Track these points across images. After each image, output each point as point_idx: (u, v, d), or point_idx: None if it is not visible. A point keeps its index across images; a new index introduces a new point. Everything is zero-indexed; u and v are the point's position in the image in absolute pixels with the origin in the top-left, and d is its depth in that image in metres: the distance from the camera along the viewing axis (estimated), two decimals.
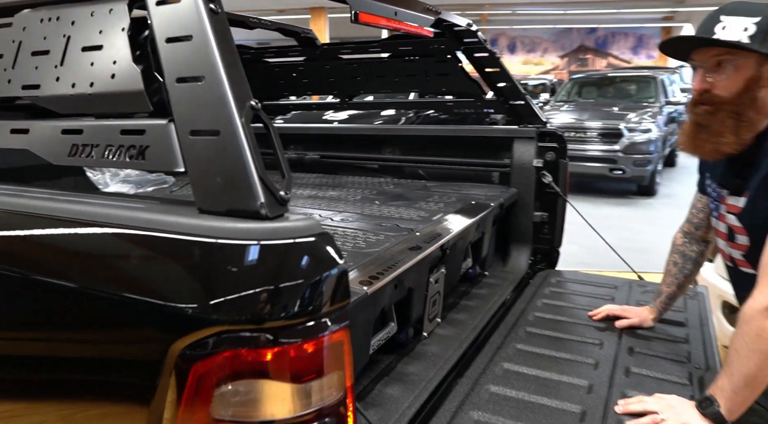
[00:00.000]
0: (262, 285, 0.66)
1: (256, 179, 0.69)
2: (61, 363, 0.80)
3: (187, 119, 0.76)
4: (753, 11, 1.19)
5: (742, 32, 1.18)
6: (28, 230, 0.85)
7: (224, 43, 0.78)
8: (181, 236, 0.70)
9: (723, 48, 1.21)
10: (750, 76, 1.21)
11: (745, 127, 1.24)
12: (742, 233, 1.31)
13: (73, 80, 0.90)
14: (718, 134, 1.26)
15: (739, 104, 1.23)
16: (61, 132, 0.89)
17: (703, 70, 1.25)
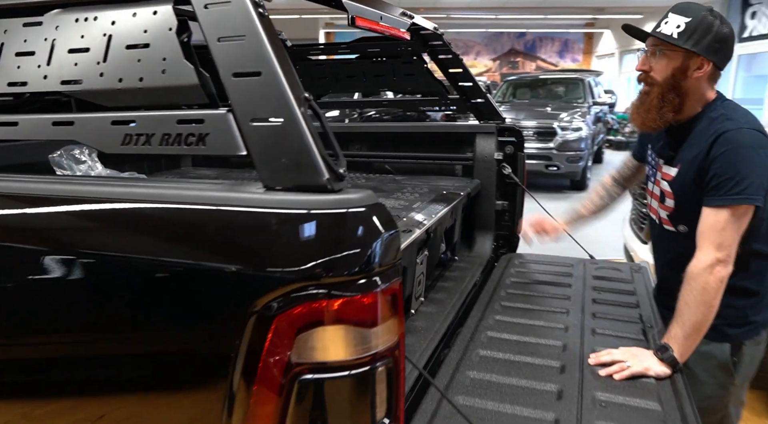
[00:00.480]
0: (334, 247, 0.78)
1: (319, 159, 0.82)
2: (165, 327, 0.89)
3: (247, 109, 0.87)
4: (690, 12, 1.42)
5: (675, 28, 1.41)
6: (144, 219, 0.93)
7: (275, 42, 0.89)
8: (262, 209, 0.81)
9: (659, 39, 1.44)
10: (677, 66, 1.44)
11: (666, 108, 1.48)
12: (671, 197, 1.55)
13: (119, 75, 0.98)
14: (647, 110, 1.50)
15: (666, 88, 1.47)
16: (111, 123, 0.97)
17: (647, 54, 1.49)
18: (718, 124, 1.42)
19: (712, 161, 1.38)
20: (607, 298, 1.88)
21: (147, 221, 0.92)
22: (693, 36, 1.40)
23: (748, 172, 1.35)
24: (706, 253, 1.36)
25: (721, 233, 1.35)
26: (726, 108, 1.47)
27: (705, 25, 1.40)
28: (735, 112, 1.45)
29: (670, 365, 1.37)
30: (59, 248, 0.96)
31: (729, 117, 1.43)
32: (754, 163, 1.36)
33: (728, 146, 1.37)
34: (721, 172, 1.36)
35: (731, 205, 1.35)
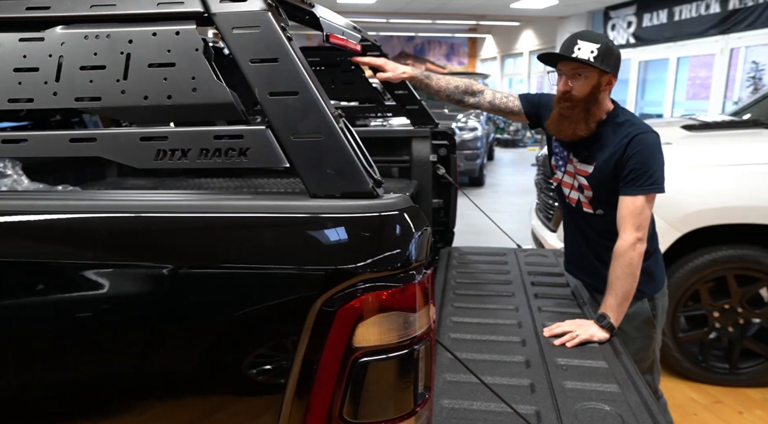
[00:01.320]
0: (384, 246, 0.90)
1: (362, 168, 0.93)
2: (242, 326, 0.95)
3: (286, 126, 0.96)
4: (597, 39, 1.70)
5: (590, 53, 1.68)
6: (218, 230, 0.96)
7: (305, 65, 0.99)
8: (320, 214, 0.91)
9: (577, 63, 1.70)
10: (594, 84, 1.72)
11: (591, 118, 1.77)
12: (588, 189, 1.84)
13: (144, 93, 1.02)
14: (576, 123, 1.77)
15: (588, 103, 1.75)
16: (140, 139, 1.01)
17: (566, 76, 1.75)
18: (627, 128, 1.73)
19: (629, 159, 1.68)
20: (542, 280, 2.15)
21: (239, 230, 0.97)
22: (605, 59, 1.68)
23: (656, 167, 1.67)
24: (629, 234, 1.66)
25: (638, 217, 1.65)
26: (625, 114, 1.79)
27: (609, 49, 1.69)
28: (636, 119, 1.78)
29: (608, 330, 1.65)
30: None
31: (633, 122, 1.75)
32: (659, 159, 1.68)
33: (641, 147, 1.68)
34: (637, 168, 1.67)
35: (646, 193, 1.65)
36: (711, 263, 2.80)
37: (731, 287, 2.83)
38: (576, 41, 1.71)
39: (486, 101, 2.02)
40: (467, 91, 2.01)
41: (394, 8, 12.77)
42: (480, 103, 2.01)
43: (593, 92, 1.73)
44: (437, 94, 2.00)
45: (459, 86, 2.00)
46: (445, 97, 2.00)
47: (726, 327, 2.90)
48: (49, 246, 1.01)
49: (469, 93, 2.01)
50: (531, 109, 2.01)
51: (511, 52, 16.80)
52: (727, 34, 8.47)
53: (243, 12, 1.00)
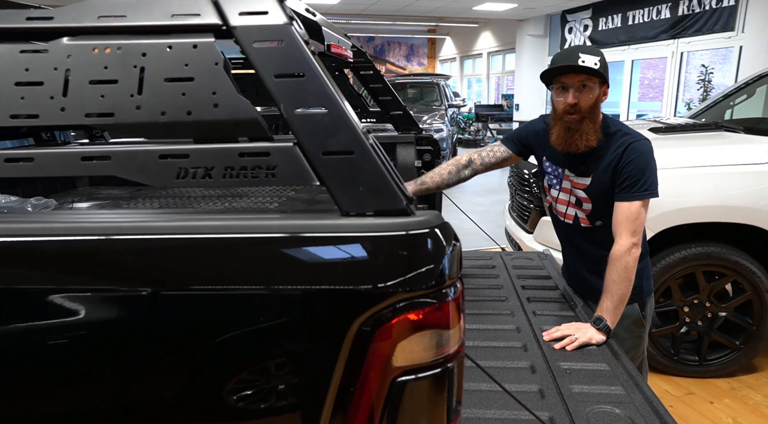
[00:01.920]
0: (421, 264, 0.89)
1: (395, 186, 0.93)
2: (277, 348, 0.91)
3: (316, 142, 0.94)
4: (596, 52, 1.75)
5: (594, 65, 1.73)
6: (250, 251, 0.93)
7: (331, 81, 0.98)
8: (355, 233, 0.89)
9: (585, 75, 1.74)
10: (596, 94, 1.78)
11: (597, 127, 1.81)
12: (587, 202, 1.88)
13: (161, 109, 0.98)
14: (587, 133, 1.79)
15: (593, 113, 1.79)
16: (159, 157, 0.97)
17: (573, 89, 1.78)
18: (621, 137, 1.79)
19: (625, 166, 1.74)
20: (532, 284, 2.19)
21: (271, 251, 0.94)
22: (605, 70, 1.75)
23: (650, 173, 1.72)
24: (625, 239, 1.71)
25: (634, 222, 1.71)
26: (615, 124, 1.85)
27: (605, 62, 1.76)
28: (626, 128, 1.84)
29: (605, 333, 1.69)
30: None
31: (625, 131, 1.81)
32: (653, 165, 1.74)
33: (635, 154, 1.73)
34: (633, 175, 1.72)
35: (642, 199, 1.71)
36: (681, 260, 2.92)
37: (700, 283, 2.97)
38: (578, 54, 1.74)
39: (479, 165, 2.07)
40: (459, 169, 2.06)
41: (357, 9, 12.74)
42: (476, 170, 2.07)
43: (596, 103, 1.78)
44: (439, 189, 2.08)
45: (451, 171, 2.05)
46: (446, 187, 2.08)
47: (695, 321, 3.03)
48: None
49: (462, 169, 2.06)
50: (518, 147, 2.05)
51: (470, 52, 17.04)
52: (677, 38, 8.85)
53: (264, 26, 0.98)
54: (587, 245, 1.94)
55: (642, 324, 1.94)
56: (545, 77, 1.83)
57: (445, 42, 18.80)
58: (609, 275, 1.73)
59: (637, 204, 1.72)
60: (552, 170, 1.98)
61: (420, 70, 19.27)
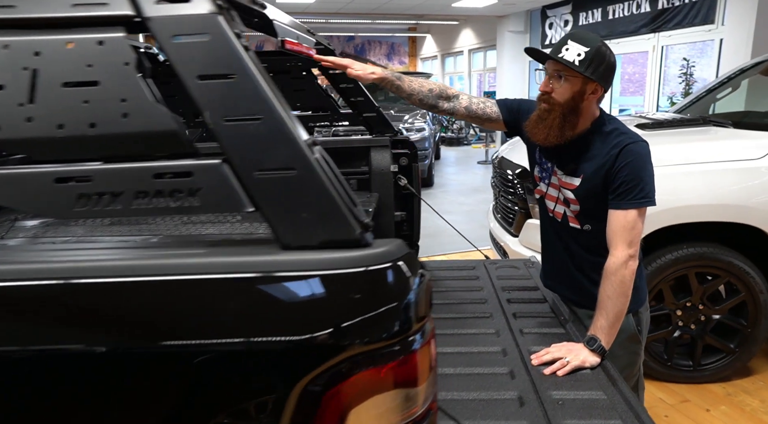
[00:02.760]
0: (377, 308, 0.72)
1: (346, 210, 0.75)
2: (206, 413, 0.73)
3: (248, 158, 0.77)
4: (588, 42, 1.58)
5: (576, 56, 1.56)
6: None
7: (268, 82, 0.80)
8: (295, 272, 0.72)
9: (561, 64, 1.58)
10: (576, 90, 1.60)
11: (567, 126, 1.64)
12: (575, 203, 1.72)
13: (58, 121, 0.80)
14: (550, 128, 1.64)
15: (566, 109, 1.62)
16: (55, 181, 0.78)
17: (548, 76, 1.62)
18: (616, 137, 1.62)
19: (619, 170, 1.57)
20: (518, 296, 2.03)
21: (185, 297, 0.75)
22: (591, 65, 1.56)
23: (648, 179, 1.56)
24: (621, 250, 1.55)
25: (630, 232, 1.55)
26: (613, 123, 1.68)
27: (600, 55, 1.57)
28: (622, 126, 1.67)
29: (600, 354, 1.54)
30: None
31: (621, 131, 1.64)
32: (650, 170, 1.58)
33: (632, 157, 1.57)
34: (628, 180, 1.56)
35: (638, 207, 1.55)
36: (673, 262, 2.79)
37: (692, 285, 2.85)
38: (566, 41, 1.58)
39: (462, 107, 1.81)
40: (441, 95, 1.80)
41: (335, 8, 12.54)
42: (455, 108, 1.81)
43: (574, 99, 1.61)
44: (409, 97, 1.78)
45: (433, 90, 1.79)
46: (417, 102, 1.79)
47: (688, 325, 2.91)
48: None
49: (443, 97, 1.80)
50: (509, 117, 1.83)
51: (451, 50, 16.92)
52: (658, 32, 8.79)
53: (186, 16, 0.80)
54: (577, 248, 1.78)
55: (638, 339, 1.79)
56: (533, 55, 1.68)
57: (425, 40, 18.66)
58: (603, 290, 1.57)
59: (634, 213, 1.56)
60: (542, 162, 1.82)
61: (401, 68, 19.10)
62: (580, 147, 1.68)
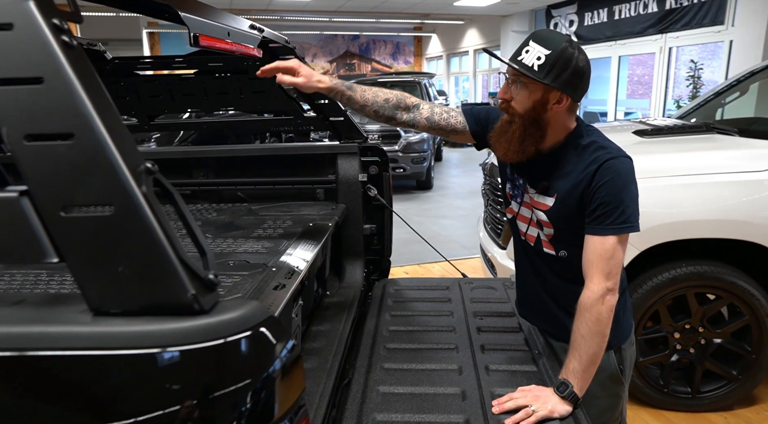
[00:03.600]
0: (212, 398, 0.53)
1: (177, 262, 0.55)
2: None
3: (54, 191, 0.57)
4: (550, 43, 1.33)
5: (536, 60, 1.32)
6: None
7: (93, 89, 0.61)
8: (94, 350, 0.52)
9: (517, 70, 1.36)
10: (537, 99, 1.37)
11: (528, 140, 1.41)
12: (549, 227, 1.50)
13: None
14: (509, 142, 1.43)
15: (527, 120, 1.40)
16: None
17: (507, 82, 1.41)
18: (594, 152, 1.40)
19: (596, 190, 1.36)
20: (490, 324, 1.83)
21: None
22: (552, 70, 1.32)
23: (629, 201, 1.35)
24: (596, 283, 1.34)
25: (609, 262, 1.34)
26: (591, 135, 1.46)
27: (564, 59, 1.33)
28: (604, 140, 1.44)
29: (571, 402, 1.33)
30: None
31: (601, 145, 1.41)
32: (632, 191, 1.37)
33: (610, 176, 1.35)
34: (606, 201, 1.34)
35: (618, 233, 1.34)
36: (670, 281, 2.58)
37: (692, 306, 2.63)
38: (528, 42, 1.35)
39: (423, 118, 1.60)
40: (399, 105, 1.59)
41: (333, 6, 12.35)
42: (415, 120, 1.60)
43: (535, 109, 1.37)
44: (362, 110, 1.56)
45: (389, 99, 1.58)
46: (372, 114, 1.56)
47: (687, 348, 2.69)
48: None
49: (401, 108, 1.59)
50: (477, 127, 1.61)
51: (456, 50, 16.70)
52: (665, 33, 8.53)
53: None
54: (551, 276, 1.57)
55: (620, 380, 1.57)
56: None
57: (431, 40, 18.44)
58: (577, 329, 1.36)
59: (612, 240, 1.35)
60: (514, 178, 1.59)
61: (406, 68, 18.88)
62: (552, 163, 1.46)
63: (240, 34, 1.43)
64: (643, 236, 2.48)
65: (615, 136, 1.78)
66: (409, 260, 4.76)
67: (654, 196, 2.52)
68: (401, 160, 7.79)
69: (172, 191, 0.61)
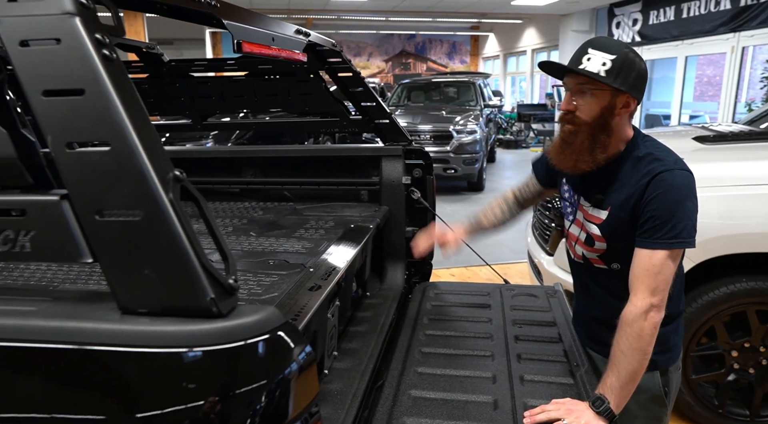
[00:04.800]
0: (224, 399, 0.55)
1: (199, 268, 0.58)
2: None
3: (90, 196, 0.61)
4: (613, 49, 1.34)
5: (601, 66, 1.32)
6: None
7: (130, 100, 0.64)
8: (118, 347, 0.56)
9: (585, 77, 1.35)
10: (605, 104, 1.36)
11: (598, 149, 1.40)
12: (601, 241, 1.47)
13: None
14: (578, 152, 1.40)
15: (595, 128, 1.38)
16: None
17: (570, 93, 1.39)
18: (649, 164, 1.36)
19: (648, 203, 1.32)
20: (528, 333, 1.80)
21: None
22: (621, 74, 1.32)
23: (682, 215, 1.30)
24: (641, 298, 1.30)
25: (656, 277, 1.29)
26: (649, 146, 1.42)
27: (628, 62, 1.33)
28: (661, 151, 1.40)
29: (606, 419, 1.29)
30: None
31: (657, 157, 1.38)
32: (688, 206, 1.32)
33: (663, 188, 1.31)
34: (657, 215, 1.31)
35: (668, 249, 1.30)
36: (728, 297, 2.44)
37: (752, 324, 2.48)
38: (587, 50, 1.35)
39: (520, 201, 1.81)
40: (509, 205, 1.81)
41: (389, 6, 12.38)
42: (520, 205, 1.81)
43: (603, 115, 1.36)
44: (496, 228, 1.82)
45: (502, 207, 1.81)
46: (502, 226, 1.82)
47: (746, 368, 2.54)
48: None
49: (510, 208, 1.81)
50: (542, 170, 1.73)
51: (514, 50, 16.39)
52: (738, 31, 8.05)
53: (36, 18, 0.65)
54: (601, 292, 1.53)
55: (663, 402, 1.50)
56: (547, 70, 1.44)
57: (488, 39, 18.18)
58: (617, 343, 1.32)
59: (662, 254, 1.30)
60: (568, 196, 1.59)
61: (462, 68, 18.70)
62: (608, 174, 1.43)
63: (285, 40, 1.47)
64: (699, 249, 2.36)
65: (674, 142, 1.72)
66: (456, 262, 4.71)
67: (712, 207, 2.40)
68: (453, 161, 7.73)
69: (199, 198, 0.64)
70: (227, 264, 0.62)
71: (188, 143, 4.93)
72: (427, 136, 7.83)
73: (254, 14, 1.28)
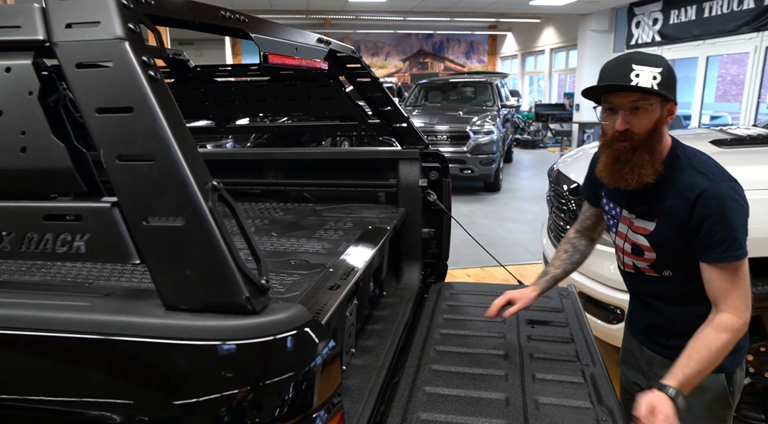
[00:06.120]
0: (260, 386, 0.62)
1: (235, 269, 0.65)
2: None
3: (138, 203, 0.68)
4: (656, 62, 1.37)
5: (653, 80, 1.35)
6: None
7: (173, 117, 0.71)
8: (163, 339, 0.63)
9: (639, 94, 1.37)
10: (658, 116, 1.39)
11: (657, 159, 1.42)
12: (650, 251, 1.50)
13: None
14: (641, 167, 1.42)
15: (651, 141, 1.41)
16: None
17: (623, 112, 1.39)
18: (692, 177, 1.40)
19: (702, 222, 1.36)
20: (541, 333, 1.84)
21: None
22: (669, 85, 1.37)
23: (739, 227, 1.35)
24: (743, 312, 1.36)
25: (745, 291, 1.37)
26: (690, 156, 1.45)
27: (671, 72, 1.38)
28: (702, 163, 1.43)
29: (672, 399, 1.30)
30: None
31: (699, 170, 1.41)
32: (739, 216, 1.36)
33: (714, 206, 1.35)
34: (715, 231, 1.35)
35: (735, 261, 1.35)
36: None
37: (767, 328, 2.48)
38: (631, 66, 1.36)
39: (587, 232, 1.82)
40: (575, 245, 1.81)
41: (407, 7, 12.41)
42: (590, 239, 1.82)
43: (657, 126, 1.40)
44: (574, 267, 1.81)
45: (567, 250, 1.81)
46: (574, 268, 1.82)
47: (762, 372, 2.54)
48: None
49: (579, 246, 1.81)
50: (590, 193, 1.75)
51: (532, 49, 16.31)
52: (763, 31, 7.94)
53: (89, 42, 0.72)
54: (658, 302, 1.57)
55: (728, 402, 1.53)
56: (590, 94, 1.46)
57: (506, 38, 18.11)
58: (706, 338, 1.35)
59: (733, 266, 1.36)
60: (609, 209, 1.63)
61: (480, 67, 18.66)
62: (651, 185, 1.45)
63: (307, 49, 1.53)
64: None
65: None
66: (472, 262, 4.76)
67: None
68: (469, 161, 7.75)
69: (234, 206, 0.70)
70: (259, 265, 0.69)
71: (208, 143, 5.05)
72: (444, 137, 7.86)
73: (278, 26, 1.35)
